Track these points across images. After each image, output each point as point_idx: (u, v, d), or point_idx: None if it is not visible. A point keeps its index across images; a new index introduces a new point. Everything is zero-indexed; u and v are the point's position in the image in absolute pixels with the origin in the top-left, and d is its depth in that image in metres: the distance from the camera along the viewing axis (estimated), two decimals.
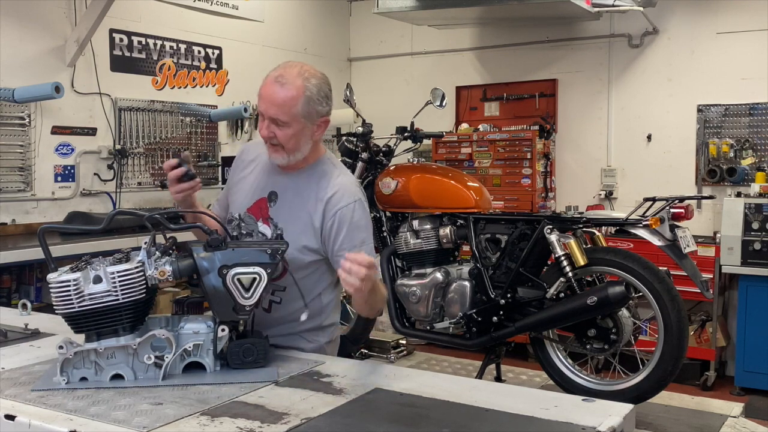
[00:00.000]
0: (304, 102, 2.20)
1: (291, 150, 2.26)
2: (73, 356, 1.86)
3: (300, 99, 2.19)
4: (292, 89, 2.19)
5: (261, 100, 2.23)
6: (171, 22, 5.99)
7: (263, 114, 2.23)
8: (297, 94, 2.19)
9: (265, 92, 2.21)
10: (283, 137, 2.23)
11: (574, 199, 6.04)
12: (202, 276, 1.96)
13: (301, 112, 2.21)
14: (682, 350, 3.12)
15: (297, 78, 2.20)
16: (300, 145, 2.27)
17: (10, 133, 4.89)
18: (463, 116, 7.29)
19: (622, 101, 6.64)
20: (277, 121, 2.21)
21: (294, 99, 2.19)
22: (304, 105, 2.21)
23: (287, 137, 2.23)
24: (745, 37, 6.00)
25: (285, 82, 2.19)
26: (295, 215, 2.29)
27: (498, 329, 3.55)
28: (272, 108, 2.20)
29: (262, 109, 2.22)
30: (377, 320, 4.34)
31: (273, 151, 2.28)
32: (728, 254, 5.47)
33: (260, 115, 2.26)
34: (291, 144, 2.25)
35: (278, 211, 2.32)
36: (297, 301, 2.27)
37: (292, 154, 2.27)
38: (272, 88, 2.19)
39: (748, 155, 6.03)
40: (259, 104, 2.24)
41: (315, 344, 2.37)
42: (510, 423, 1.64)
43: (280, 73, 2.21)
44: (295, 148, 2.26)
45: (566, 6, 5.66)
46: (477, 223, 3.74)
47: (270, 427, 1.60)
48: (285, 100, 2.18)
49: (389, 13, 6.26)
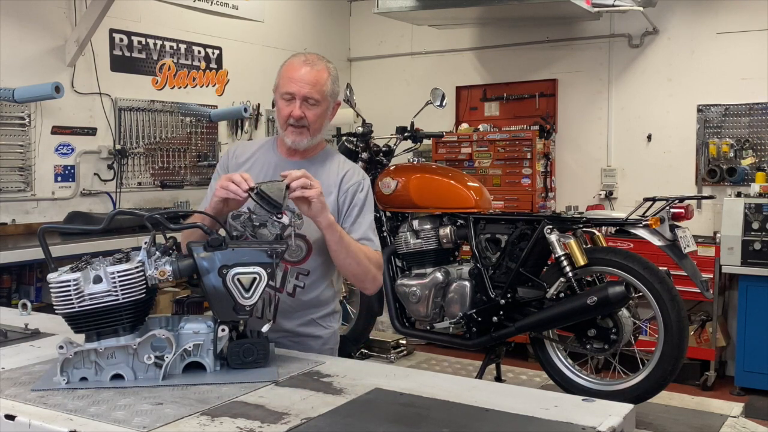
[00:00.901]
0: (331, 81, 2.35)
1: (315, 131, 2.36)
2: (73, 356, 1.86)
3: (328, 78, 2.34)
4: (321, 69, 2.32)
5: (291, 81, 2.29)
6: (171, 22, 5.99)
7: (295, 95, 2.29)
8: (326, 74, 2.33)
9: (295, 74, 2.30)
10: (312, 117, 2.32)
11: (574, 199, 6.05)
12: (202, 276, 1.96)
13: (329, 91, 2.34)
14: (682, 350, 3.12)
15: (320, 60, 2.35)
16: (322, 127, 2.38)
17: (10, 133, 4.89)
18: (463, 116, 7.29)
19: (622, 101, 6.64)
20: (309, 100, 2.30)
21: (324, 78, 2.32)
22: (331, 84, 2.35)
23: (316, 117, 2.33)
24: (745, 37, 6.00)
25: (313, 63, 2.31)
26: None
27: (498, 329, 3.56)
28: (306, 87, 2.29)
29: (294, 90, 2.29)
30: (377, 320, 4.34)
31: (297, 134, 2.34)
32: (728, 254, 5.47)
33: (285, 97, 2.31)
34: (317, 124, 2.35)
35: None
36: (320, 285, 2.39)
37: (315, 135, 2.37)
38: (303, 68, 2.30)
39: (748, 155, 6.03)
40: (287, 87, 2.30)
41: (330, 330, 2.47)
42: (510, 423, 1.64)
43: (306, 57, 2.33)
44: (319, 129, 2.37)
45: (566, 6, 5.66)
46: (477, 223, 3.74)
47: (270, 427, 1.60)
48: (318, 79, 2.30)
49: (389, 13, 6.26)
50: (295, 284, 2.37)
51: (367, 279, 2.36)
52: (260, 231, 2.35)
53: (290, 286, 2.35)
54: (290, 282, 2.35)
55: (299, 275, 2.35)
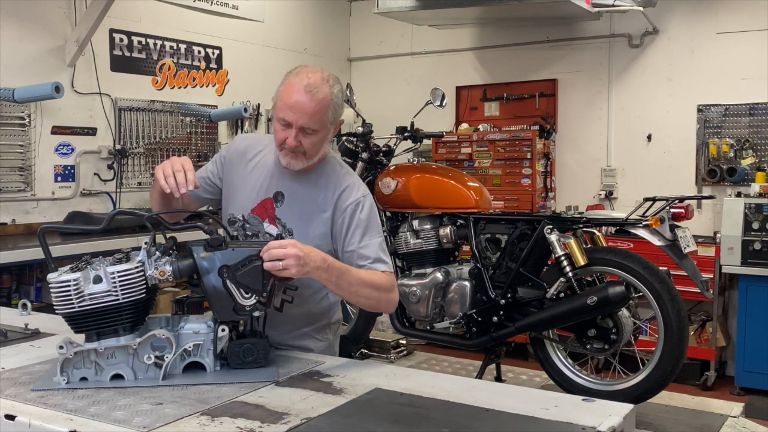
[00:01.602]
0: (333, 108, 2.21)
1: (312, 156, 2.24)
2: (73, 356, 1.86)
3: (330, 105, 2.19)
4: (324, 96, 2.17)
5: (289, 109, 2.15)
6: (171, 22, 5.99)
7: (291, 124, 2.16)
8: (327, 103, 2.18)
9: (294, 102, 2.14)
10: (309, 144, 2.20)
11: (574, 199, 6.04)
12: (202, 276, 1.96)
13: (329, 119, 2.21)
14: (682, 350, 3.12)
15: (324, 85, 2.18)
16: (320, 150, 2.26)
17: (10, 133, 4.89)
18: (463, 116, 7.29)
19: (622, 101, 6.64)
20: (306, 130, 2.17)
21: (325, 107, 2.18)
22: (332, 112, 2.21)
23: (313, 144, 2.20)
24: (745, 37, 6.00)
25: (315, 92, 2.15)
26: (306, 215, 2.28)
27: (498, 329, 3.56)
28: (304, 117, 2.15)
29: (291, 119, 2.15)
30: (377, 320, 4.34)
31: (293, 158, 2.22)
32: (728, 254, 5.47)
33: (281, 122, 2.18)
34: (314, 150, 2.23)
35: (286, 211, 2.30)
36: (311, 300, 2.31)
37: (312, 158, 2.25)
38: (303, 97, 2.14)
39: (748, 155, 6.03)
40: (283, 113, 2.17)
41: (324, 342, 2.39)
42: (510, 423, 1.64)
43: (308, 81, 2.16)
44: (317, 153, 2.25)
45: (566, 6, 5.66)
46: (477, 223, 3.74)
47: (270, 427, 1.60)
48: (318, 109, 2.16)
49: (389, 13, 6.26)
50: (282, 298, 2.22)
51: (381, 306, 2.26)
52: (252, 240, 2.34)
53: (277, 300, 2.19)
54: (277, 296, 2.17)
55: (287, 290, 2.18)
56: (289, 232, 2.29)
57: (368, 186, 3.97)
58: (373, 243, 2.23)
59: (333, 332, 2.44)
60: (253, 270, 1.95)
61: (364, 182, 3.97)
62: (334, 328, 2.45)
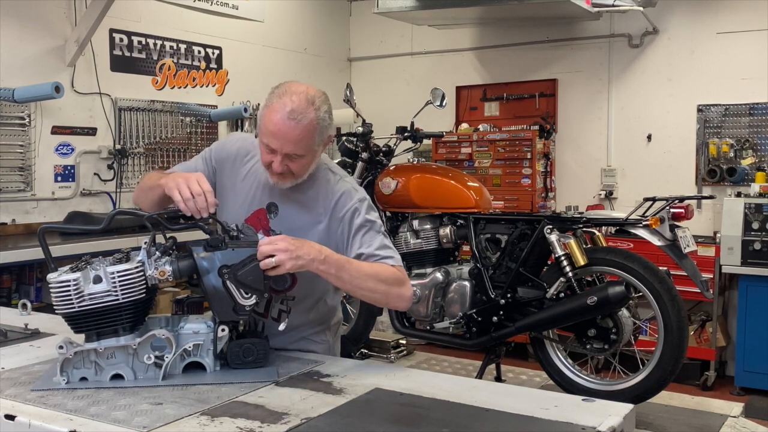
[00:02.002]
0: (319, 132, 2.12)
1: (300, 175, 2.19)
2: (73, 356, 1.86)
3: (315, 131, 2.10)
4: (309, 121, 2.08)
5: (272, 136, 2.07)
6: (171, 22, 5.99)
7: (276, 151, 2.09)
8: (313, 128, 2.09)
9: (277, 129, 2.06)
10: (296, 167, 2.14)
11: (574, 199, 6.04)
12: (202, 276, 1.96)
13: (316, 142, 2.13)
14: (682, 350, 3.12)
15: (308, 109, 2.08)
16: (309, 168, 2.20)
17: (10, 133, 4.89)
18: (463, 116, 7.29)
19: (622, 101, 6.64)
20: (292, 156, 2.11)
21: (311, 132, 2.09)
22: (319, 134, 2.12)
23: (301, 166, 2.15)
24: (745, 37, 6.00)
25: (300, 118, 2.06)
26: (300, 226, 2.22)
27: (498, 329, 3.55)
28: (288, 145, 2.08)
29: (275, 147, 2.08)
30: (377, 320, 4.34)
31: (280, 178, 2.16)
32: (728, 254, 5.47)
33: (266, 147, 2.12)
34: (303, 171, 2.18)
35: (280, 222, 2.25)
36: (310, 309, 2.30)
37: (301, 177, 2.20)
38: (286, 125, 2.05)
39: (748, 155, 6.03)
40: (267, 139, 2.09)
41: (324, 345, 2.37)
42: (510, 423, 1.64)
43: (291, 107, 2.06)
44: (305, 172, 2.20)
45: (566, 6, 5.66)
46: (477, 223, 3.74)
47: (270, 427, 1.60)
48: (303, 136, 2.08)
49: (389, 13, 6.26)
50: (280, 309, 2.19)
51: (390, 301, 2.20)
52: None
53: (275, 311, 2.16)
54: (275, 307, 2.16)
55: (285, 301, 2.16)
56: None
57: (368, 186, 4.03)
58: (376, 241, 2.19)
59: (333, 334, 2.43)
60: (254, 269, 1.95)
61: (364, 182, 4.04)
62: (334, 330, 2.44)
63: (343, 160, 4.19)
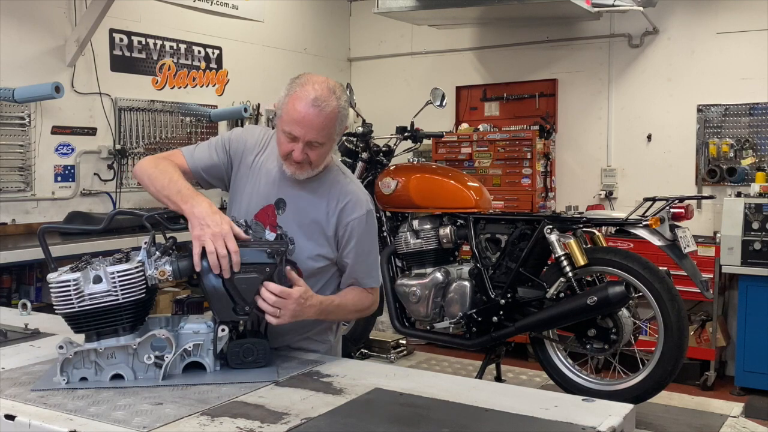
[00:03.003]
0: (339, 121, 2.17)
1: (317, 166, 2.22)
2: (73, 356, 1.86)
3: (337, 119, 2.16)
4: (332, 109, 2.12)
5: (296, 124, 2.10)
6: (171, 22, 5.99)
7: (298, 138, 2.12)
8: (335, 116, 2.14)
9: (301, 117, 2.09)
10: (315, 156, 2.17)
11: (574, 199, 6.05)
12: (202, 276, 1.96)
13: (336, 131, 2.19)
14: (682, 350, 3.12)
15: (331, 97, 2.13)
16: (326, 159, 2.25)
17: (10, 133, 4.89)
18: (463, 116, 7.29)
19: (622, 101, 6.64)
20: (313, 143, 2.14)
21: (333, 120, 2.14)
22: (339, 123, 2.18)
23: (319, 155, 2.18)
24: (745, 37, 6.00)
25: (323, 106, 2.10)
26: (307, 224, 2.25)
27: (498, 329, 3.55)
28: (311, 132, 2.11)
29: (299, 134, 2.11)
30: (377, 320, 4.34)
31: (298, 168, 2.19)
32: (728, 254, 5.47)
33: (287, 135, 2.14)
34: (320, 160, 2.21)
35: (287, 219, 2.26)
36: None
37: (317, 168, 2.23)
38: (311, 112, 2.09)
39: (748, 155, 6.03)
40: (289, 127, 2.12)
41: (326, 344, 2.38)
42: (510, 423, 1.64)
43: (315, 95, 2.10)
44: (322, 163, 2.23)
45: (566, 6, 5.66)
46: (477, 223, 3.74)
47: (270, 427, 1.60)
48: (326, 124, 2.12)
49: (389, 13, 6.26)
50: None
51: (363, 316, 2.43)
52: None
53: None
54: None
55: None
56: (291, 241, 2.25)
57: (368, 186, 4.03)
58: (369, 260, 2.30)
59: (334, 334, 2.43)
60: (253, 282, 1.95)
61: (364, 182, 4.04)
62: (336, 330, 2.44)
63: (343, 160, 4.19)
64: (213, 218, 1.96)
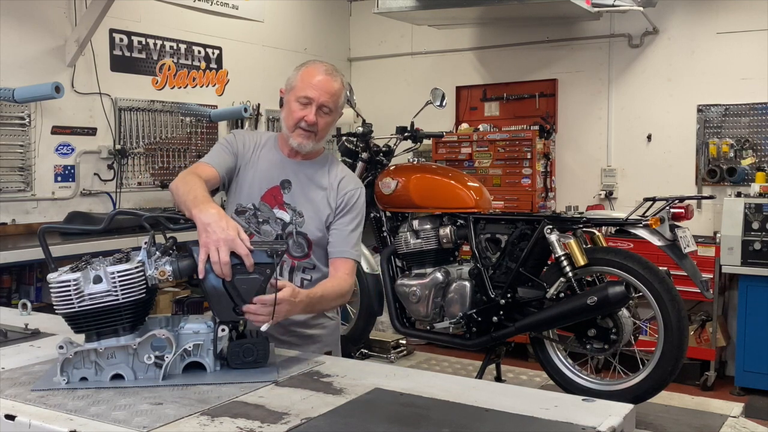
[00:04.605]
0: (344, 95, 2.47)
1: (321, 137, 2.45)
2: (73, 356, 1.86)
3: (343, 92, 2.46)
4: (340, 82, 2.44)
5: (311, 87, 2.36)
6: (171, 22, 5.99)
7: (313, 100, 2.36)
8: (342, 88, 2.45)
9: (317, 81, 2.37)
10: (323, 124, 2.41)
11: (574, 199, 6.05)
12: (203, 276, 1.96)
13: (341, 103, 2.47)
14: (682, 350, 3.12)
15: (337, 72, 2.45)
16: (327, 134, 2.49)
17: (10, 133, 4.89)
18: (463, 116, 7.29)
19: (622, 101, 6.64)
20: (324, 108, 2.39)
21: (341, 91, 2.44)
22: (344, 98, 2.48)
23: (326, 124, 2.43)
24: (745, 37, 6.00)
25: (335, 76, 2.42)
26: (312, 199, 2.46)
27: (498, 329, 3.55)
28: (325, 95, 2.38)
29: (313, 96, 2.36)
30: (377, 320, 4.34)
31: (305, 137, 2.41)
32: (728, 254, 5.47)
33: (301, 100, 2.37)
34: (324, 132, 2.45)
35: (294, 197, 2.47)
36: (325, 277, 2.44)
37: (320, 141, 2.46)
38: (326, 77, 2.39)
39: (748, 155, 6.03)
40: (305, 91, 2.36)
41: (335, 321, 2.61)
42: (510, 423, 1.64)
43: (326, 68, 2.42)
44: (324, 136, 2.47)
45: (566, 6, 5.66)
46: (477, 223, 3.73)
47: (270, 427, 1.60)
48: (337, 91, 2.42)
49: (389, 13, 6.26)
50: (302, 277, 2.45)
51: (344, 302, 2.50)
52: (264, 227, 2.45)
53: (297, 279, 2.43)
54: (297, 276, 2.44)
55: (305, 269, 2.46)
56: (299, 214, 2.45)
57: (368, 186, 4.03)
58: (355, 233, 2.46)
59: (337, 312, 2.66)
60: (253, 282, 1.95)
61: (364, 182, 4.04)
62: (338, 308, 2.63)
63: (343, 160, 4.19)
64: (219, 224, 1.96)
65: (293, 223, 2.45)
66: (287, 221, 2.45)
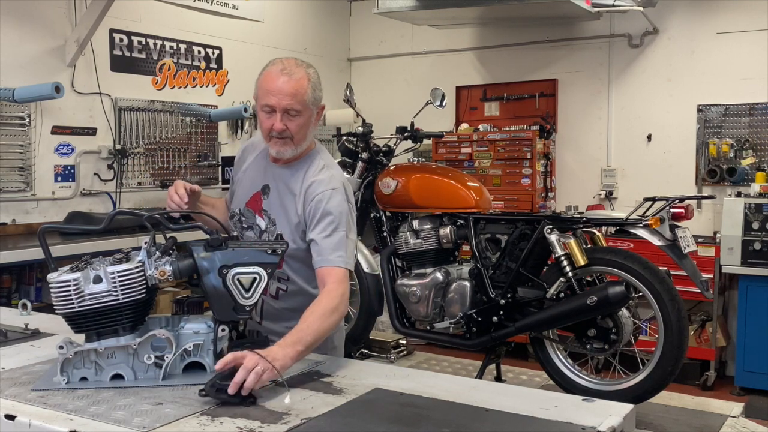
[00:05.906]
0: (311, 88, 2.26)
1: (299, 141, 2.30)
2: (73, 356, 1.86)
3: (308, 86, 2.25)
4: (300, 77, 2.24)
5: (269, 94, 2.22)
6: (171, 22, 5.99)
7: (274, 107, 2.23)
8: (306, 82, 2.25)
9: (273, 85, 2.22)
10: (295, 128, 2.26)
11: (574, 199, 6.04)
12: (202, 276, 1.96)
13: (310, 99, 2.26)
14: (682, 350, 3.12)
15: (299, 67, 2.27)
16: (307, 135, 2.33)
17: (10, 133, 4.89)
18: (463, 116, 7.29)
19: (622, 101, 6.64)
20: (290, 111, 2.23)
21: (304, 86, 2.24)
22: (311, 91, 2.27)
23: (299, 127, 2.26)
24: (745, 37, 6.00)
25: (291, 73, 2.23)
26: (285, 207, 2.35)
27: (498, 329, 3.55)
28: (285, 99, 2.21)
29: (273, 103, 2.22)
30: (377, 320, 4.34)
31: (282, 145, 2.28)
32: (728, 254, 5.47)
33: (265, 110, 2.25)
34: (301, 134, 2.29)
35: (270, 203, 2.38)
36: (306, 290, 2.35)
37: (300, 144, 2.31)
38: (281, 78, 2.22)
39: (748, 155, 6.03)
40: (265, 99, 2.24)
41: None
42: (510, 423, 1.64)
43: (282, 66, 2.25)
44: (303, 137, 2.31)
45: (566, 6, 5.66)
46: (477, 223, 3.73)
47: (270, 427, 1.60)
48: (297, 89, 2.23)
49: (389, 13, 6.26)
50: (278, 287, 2.35)
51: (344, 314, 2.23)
52: (247, 233, 2.43)
53: (273, 288, 2.33)
54: (272, 284, 2.31)
55: (280, 278, 2.33)
56: (272, 222, 2.37)
57: (368, 186, 4.03)
58: (333, 238, 2.23)
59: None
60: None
61: (364, 182, 4.04)
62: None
63: (343, 160, 4.19)
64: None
65: (267, 231, 2.36)
66: (263, 228, 2.38)
